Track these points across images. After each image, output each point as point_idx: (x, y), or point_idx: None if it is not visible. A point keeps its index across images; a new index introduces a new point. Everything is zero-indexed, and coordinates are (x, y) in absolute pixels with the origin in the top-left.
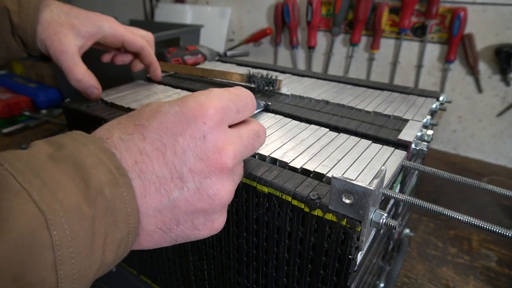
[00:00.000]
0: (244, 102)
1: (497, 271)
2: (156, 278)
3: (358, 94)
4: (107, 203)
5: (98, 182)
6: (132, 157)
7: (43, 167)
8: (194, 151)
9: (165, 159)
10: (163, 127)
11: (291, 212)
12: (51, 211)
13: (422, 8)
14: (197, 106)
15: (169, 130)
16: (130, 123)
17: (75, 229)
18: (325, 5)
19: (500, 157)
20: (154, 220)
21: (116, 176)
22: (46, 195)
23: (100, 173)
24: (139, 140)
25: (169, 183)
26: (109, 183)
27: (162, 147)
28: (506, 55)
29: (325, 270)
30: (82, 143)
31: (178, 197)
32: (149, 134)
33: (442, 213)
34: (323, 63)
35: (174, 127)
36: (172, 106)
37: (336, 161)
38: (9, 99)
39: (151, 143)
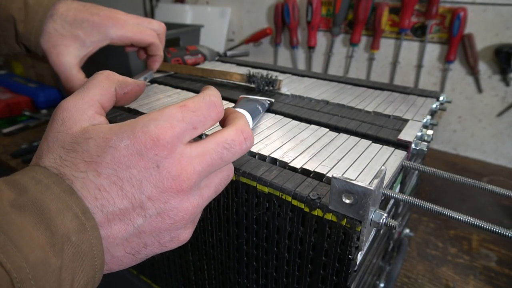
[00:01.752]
0: (201, 117)
1: (497, 271)
2: (156, 278)
3: (358, 94)
4: (74, 249)
5: (65, 230)
6: (90, 193)
7: (6, 218)
8: (150, 180)
9: (124, 192)
10: (116, 162)
11: (291, 212)
12: (17, 269)
13: (422, 8)
14: (147, 138)
15: (122, 164)
16: (78, 160)
17: (41, 283)
18: (325, 5)
19: (500, 157)
20: (122, 247)
21: (82, 221)
22: (11, 251)
23: (66, 220)
24: (94, 177)
25: (132, 212)
26: (76, 229)
27: (119, 181)
28: (506, 55)
29: (325, 270)
30: (45, 185)
31: (142, 223)
32: (103, 170)
33: (442, 213)
34: (323, 63)
35: (128, 161)
36: (122, 139)
37: (336, 161)
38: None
39: (107, 178)
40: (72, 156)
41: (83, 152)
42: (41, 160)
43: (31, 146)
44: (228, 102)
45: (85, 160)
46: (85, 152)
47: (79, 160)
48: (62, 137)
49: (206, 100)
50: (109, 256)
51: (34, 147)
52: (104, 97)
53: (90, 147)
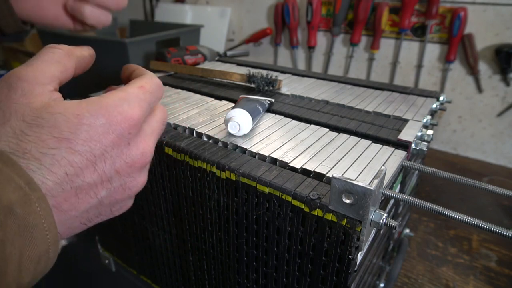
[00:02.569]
0: (155, 97)
1: (497, 271)
2: (156, 278)
3: (358, 94)
4: (18, 222)
5: (7, 201)
6: (61, 169)
7: None
8: (121, 157)
9: (96, 168)
10: (91, 139)
11: (291, 212)
12: None
13: (422, 8)
14: (122, 118)
15: (98, 142)
16: (45, 136)
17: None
18: (325, 5)
19: (500, 157)
20: (79, 219)
21: (27, 192)
22: None
23: (7, 191)
24: (68, 153)
25: (99, 186)
26: (19, 200)
27: (92, 157)
28: (506, 55)
29: (325, 270)
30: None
31: (105, 195)
32: (78, 147)
33: (442, 213)
34: (323, 63)
35: (103, 139)
36: (97, 117)
37: (336, 161)
38: None
39: (81, 155)
40: (36, 131)
41: (50, 127)
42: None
43: None
44: (228, 102)
45: (54, 136)
46: (53, 127)
47: (47, 136)
48: (22, 110)
49: (156, 81)
50: (64, 228)
51: None
52: (63, 75)
53: (59, 122)
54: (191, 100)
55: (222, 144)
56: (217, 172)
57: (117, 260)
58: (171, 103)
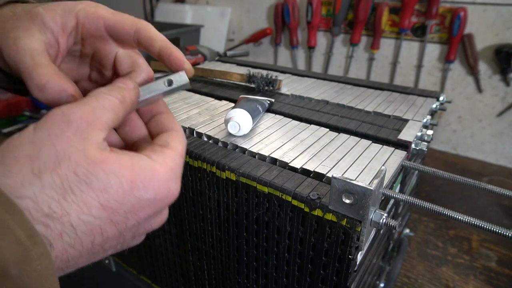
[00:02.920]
0: None
1: (497, 271)
2: (156, 278)
3: (358, 94)
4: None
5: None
6: (90, 238)
7: None
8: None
9: (120, 236)
10: (132, 211)
11: (291, 212)
12: None
13: (422, 8)
14: (168, 194)
15: (136, 215)
16: (93, 201)
17: None
18: (325, 5)
19: (500, 157)
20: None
21: (27, 247)
22: None
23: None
24: (105, 223)
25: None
26: (17, 258)
27: (123, 228)
28: (506, 55)
29: (325, 270)
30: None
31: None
32: (116, 218)
33: (442, 213)
34: (323, 63)
35: (142, 213)
36: (147, 191)
37: (336, 161)
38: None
39: (115, 225)
40: (84, 191)
41: (100, 190)
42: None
43: None
44: (228, 102)
45: (100, 203)
46: (103, 191)
47: (93, 201)
48: (76, 157)
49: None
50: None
51: None
52: (114, 123)
53: (111, 186)
54: (191, 100)
55: (222, 144)
56: (217, 172)
57: (117, 260)
58: (171, 103)
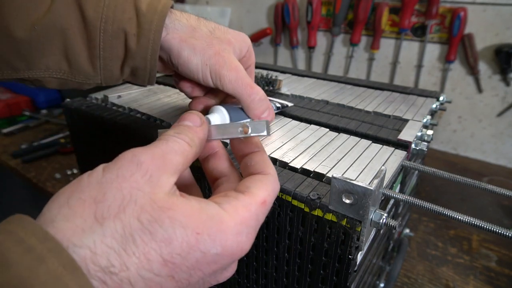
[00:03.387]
0: None
1: (497, 271)
2: None
3: (358, 94)
4: None
5: None
6: None
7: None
8: (212, 281)
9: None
10: (196, 267)
11: (291, 212)
12: None
13: (422, 8)
14: (237, 250)
15: (201, 271)
16: (155, 255)
17: None
18: (325, 5)
19: (500, 157)
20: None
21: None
22: None
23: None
24: (166, 281)
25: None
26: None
27: (186, 284)
28: (506, 55)
29: (325, 270)
30: (38, 256)
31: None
32: (179, 275)
33: (442, 213)
34: (323, 63)
35: (207, 268)
36: (213, 245)
37: (336, 161)
38: (9, 99)
39: (177, 282)
40: (146, 241)
41: (163, 241)
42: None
43: (31, 146)
44: None
45: (163, 257)
46: (165, 242)
47: (155, 255)
48: (142, 201)
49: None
50: None
51: (34, 147)
52: (183, 167)
53: (176, 238)
54: None
55: None
56: None
57: None
58: (172, 103)
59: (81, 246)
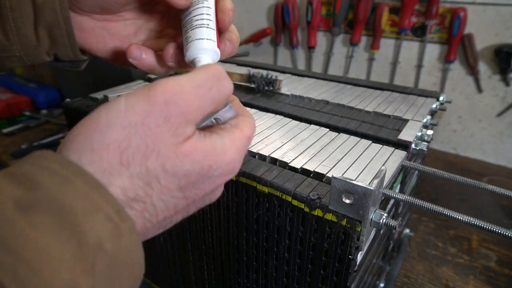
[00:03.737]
0: None
1: (497, 271)
2: (156, 278)
3: (358, 94)
4: (108, 262)
5: (96, 238)
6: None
7: (13, 229)
8: (211, 196)
9: (188, 207)
10: (202, 188)
11: (291, 212)
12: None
13: (422, 8)
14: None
15: (204, 190)
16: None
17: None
18: (325, 5)
19: (500, 157)
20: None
21: (117, 224)
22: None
23: (97, 223)
24: (179, 200)
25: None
26: (110, 234)
27: (191, 201)
28: (506, 55)
29: (325, 270)
30: (64, 178)
31: (181, 217)
32: (188, 194)
33: (442, 213)
34: (323, 63)
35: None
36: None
37: (336, 161)
38: (9, 99)
39: (186, 200)
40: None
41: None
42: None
43: (31, 146)
44: None
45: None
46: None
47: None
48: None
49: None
50: None
51: (34, 147)
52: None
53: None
54: None
55: None
56: None
57: None
58: None
59: (111, 185)
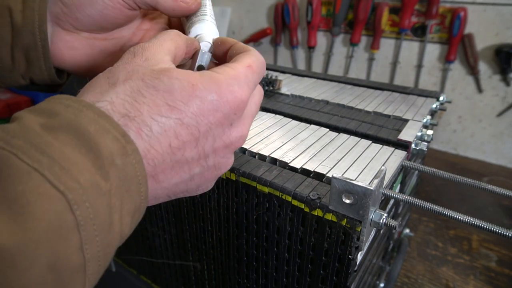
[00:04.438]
0: (259, 77)
1: (497, 271)
2: (156, 278)
3: (358, 94)
4: (119, 173)
5: (108, 152)
6: (167, 140)
7: (44, 141)
8: (222, 137)
9: (197, 144)
10: (200, 114)
11: (291, 212)
12: (71, 190)
13: (422, 8)
14: (232, 98)
15: (205, 118)
16: (159, 101)
17: (96, 207)
18: (325, 5)
19: (500, 157)
20: (167, 191)
21: (123, 144)
22: (60, 173)
23: (108, 142)
24: (177, 124)
25: (195, 163)
26: (118, 152)
27: (197, 133)
28: (506, 55)
29: (325, 270)
30: (77, 109)
31: (197, 172)
32: (186, 120)
33: (442, 213)
34: (323, 63)
35: (210, 116)
36: (209, 92)
37: (336, 161)
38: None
39: (187, 128)
40: (152, 93)
41: (165, 92)
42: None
43: None
44: None
45: (168, 104)
46: (168, 93)
47: (161, 102)
48: (143, 70)
49: (262, 60)
50: (151, 196)
51: None
52: (177, 51)
53: (175, 89)
54: None
55: None
56: None
57: (117, 260)
58: None
59: (102, 101)
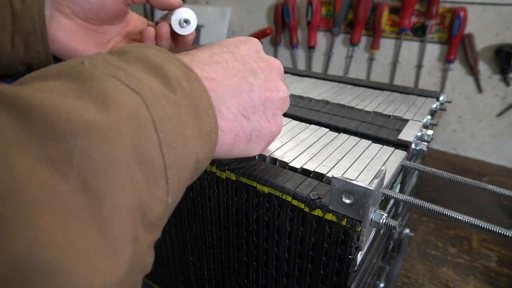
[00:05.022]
0: None
1: (497, 271)
2: (156, 278)
3: (358, 94)
4: (186, 94)
5: (175, 76)
6: (205, 54)
7: (119, 64)
8: (255, 56)
9: (236, 56)
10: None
11: (291, 212)
12: (145, 92)
13: (422, 8)
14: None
15: (231, 44)
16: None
17: (168, 112)
18: (325, 5)
19: (500, 157)
20: (236, 101)
21: (186, 71)
22: (134, 81)
23: (173, 68)
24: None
25: (244, 71)
26: (184, 76)
27: (229, 51)
28: (506, 55)
29: (325, 270)
30: (143, 46)
31: (253, 82)
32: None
33: (442, 213)
34: (323, 63)
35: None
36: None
37: (336, 161)
38: None
39: (219, 47)
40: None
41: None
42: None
43: None
44: None
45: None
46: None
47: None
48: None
49: None
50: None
51: None
52: None
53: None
54: None
55: None
56: (217, 172)
57: None
58: None
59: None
